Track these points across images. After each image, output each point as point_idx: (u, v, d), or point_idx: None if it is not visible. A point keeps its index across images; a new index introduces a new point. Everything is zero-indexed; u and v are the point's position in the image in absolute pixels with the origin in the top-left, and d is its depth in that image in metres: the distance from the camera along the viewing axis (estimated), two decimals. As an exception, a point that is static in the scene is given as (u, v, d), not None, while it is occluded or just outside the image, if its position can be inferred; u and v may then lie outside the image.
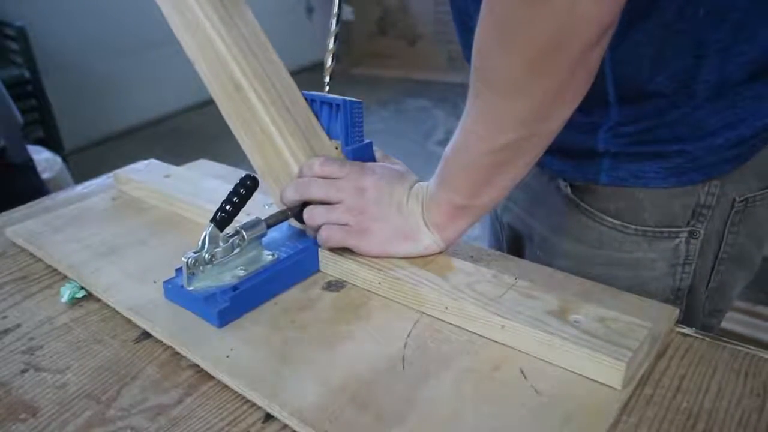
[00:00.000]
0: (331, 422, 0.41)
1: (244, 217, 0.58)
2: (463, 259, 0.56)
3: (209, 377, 0.48)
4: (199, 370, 0.49)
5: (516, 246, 0.78)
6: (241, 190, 0.55)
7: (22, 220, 0.74)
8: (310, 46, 4.38)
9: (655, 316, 0.50)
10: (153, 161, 0.84)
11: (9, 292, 0.61)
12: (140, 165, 0.83)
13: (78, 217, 0.73)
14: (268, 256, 0.57)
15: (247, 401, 0.46)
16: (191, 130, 3.64)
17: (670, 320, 0.51)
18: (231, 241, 0.55)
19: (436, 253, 0.57)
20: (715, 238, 0.62)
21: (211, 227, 0.53)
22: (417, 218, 0.56)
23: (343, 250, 0.58)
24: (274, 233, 0.61)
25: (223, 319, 0.52)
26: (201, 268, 0.53)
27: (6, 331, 0.55)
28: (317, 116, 0.62)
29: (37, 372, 0.50)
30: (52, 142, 2.69)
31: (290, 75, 0.62)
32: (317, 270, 0.60)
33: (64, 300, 0.58)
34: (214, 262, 0.54)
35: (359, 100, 0.60)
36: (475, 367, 0.46)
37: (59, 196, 0.83)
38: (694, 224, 0.60)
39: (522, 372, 0.46)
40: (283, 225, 0.62)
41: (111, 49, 3.38)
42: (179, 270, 0.54)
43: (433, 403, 0.43)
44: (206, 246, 0.53)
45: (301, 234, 0.62)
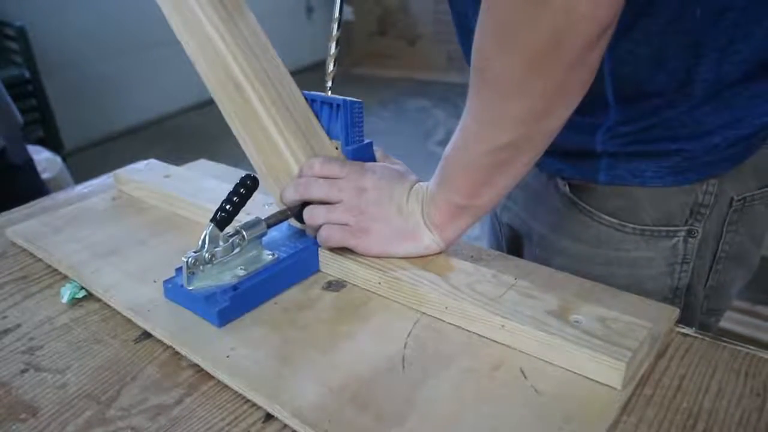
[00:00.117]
0: (331, 422, 0.41)
1: (244, 217, 0.58)
2: (463, 259, 0.56)
3: (209, 377, 0.48)
4: (199, 370, 0.49)
5: (515, 245, 0.78)
6: (241, 190, 0.55)
7: (22, 220, 0.74)
8: (310, 46, 4.39)
9: (655, 316, 0.50)
10: (153, 161, 0.84)
11: (9, 292, 0.61)
12: (140, 165, 0.83)
13: (78, 217, 0.73)
14: (268, 256, 0.57)
15: (247, 401, 0.46)
16: (191, 130, 3.64)
17: (670, 320, 0.51)
18: (231, 240, 0.55)
19: (436, 253, 0.57)
20: (714, 237, 0.62)
21: (211, 227, 0.53)
22: (417, 218, 0.56)
23: (343, 250, 0.58)
24: (274, 233, 0.61)
25: (223, 318, 0.52)
26: (201, 267, 0.53)
27: (6, 331, 0.55)
28: (317, 116, 0.62)
29: (37, 372, 0.50)
30: (52, 142, 2.69)
31: (290, 75, 0.62)
32: (317, 270, 0.60)
33: (64, 300, 0.58)
34: (214, 262, 0.54)
35: (359, 100, 0.60)
36: (475, 367, 0.46)
37: (59, 196, 0.83)
38: (693, 223, 0.60)
39: (522, 372, 0.46)
40: (283, 225, 0.62)
41: (111, 49, 3.38)
42: (179, 270, 0.54)
43: (433, 403, 0.43)
44: (206, 246, 0.53)
45: (301, 234, 0.62)
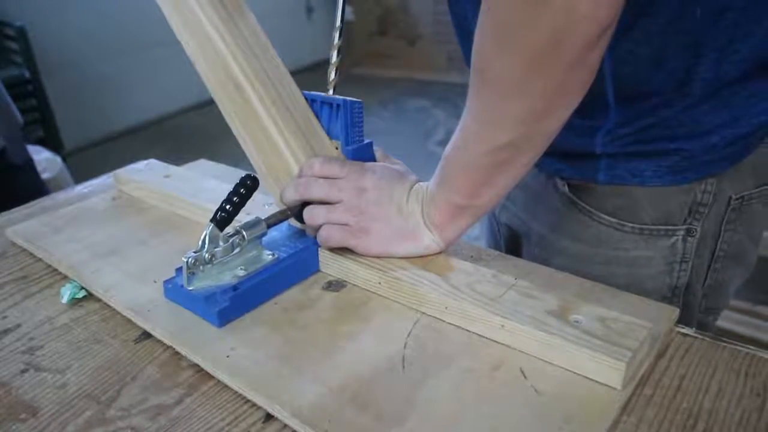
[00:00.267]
0: (331, 422, 0.41)
1: (244, 217, 0.58)
2: (463, 259, 0.56)
3: (209, 377, 0.48)
4: (199, 370, 0.49)
5: (513, 245, 0.78)
6: (241, 190, 0.55)
7: (22, 220, 0.74)
8: (310, 46, 4.39)
9: (655, 316, 0.50)
10: (153, 161, 0.84)
11: (9, 292, 0.61)
12: (140, 165, 0.83)
13: (78, 217, 0.73)
14: (268, 256, 0.57)
15: (247, 401, 0.46)
16: (191, 130, 3.64)
17: (670, 320, 0.51)
18: (231, 240, 0.55)
19: (436, 253, 0.57)
20: (712, 236, 0.62)
21: (211, 227, 0.53)
22: (417, 218, 0.56)
23: (343, 250, 0.58)
24: (274, 233, 0.61)
25: (223, 318, 0.52)
26: (201, 267, 0.53)
27: (6, 331, 0.55)
28: (317, 116, 0.62)
29: (37, 372, 0.50)
30: (52, 142, 2.69)
31: (290, 75, 0.62)
32: (317, 270, 0.60)
33: (64, 300, 0.58)
34: (214, 262, 0.54)
35: (359, 100, 0.60)
36: (475, 367, 0.46)
37: (59, 196, 0.83)
38: (691, 222, 0.61)
39: (522, 372, 0.46)
40: (283, 225, 0.62)
41: (111, 48, 3.38)
42: (179, 270, 0.54)
43: (433, 403, 0.43)
44: (206, 246, 0.53)
45: (301, 234, 0.62)
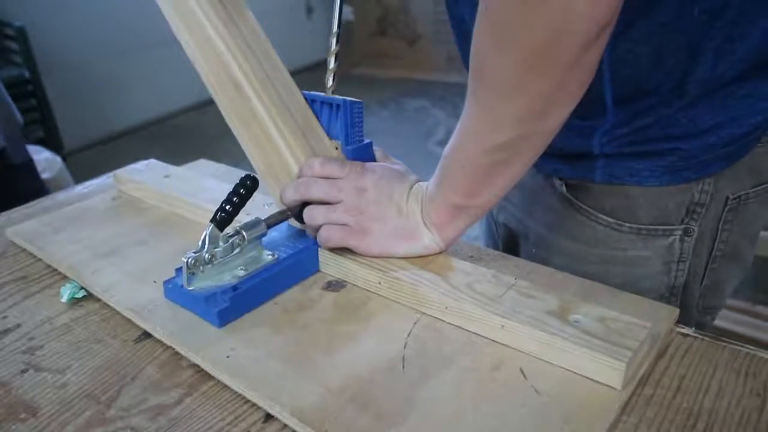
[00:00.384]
0: (331, 422, 0.41)
1: (244, 217, 0.58)
2: (462, 259, 0.57)
3: (209, 377, 0.48)
4: (199, 370, 0.49)
5: (511, 245, 0.78)
6: (241, 190, 0.55)
7: (22, 220, 0.74)
8: (310, 46, 4.38)
9: (655, 316, 0.50)
10: (153, 161, 0.84)
11: (9, 292, 0.61)
12: (140, 165, 0.83)
13: (78, 217, 0.73)
14: (268, 256, 0.57)
15: (247, 401, 0.46)
16: (191, 130, 3.63)
17: (670, 320, 0.51)
18: (231, 241, 0.55)
19: (436, 253, 0.57)
20: (709, 236, 0.62)
21: (211, 227, 0.53)
22: (417, 218, 0.56)
23: (343, 250, 0.58)
24: (274, 233, 0.61)
25: (223, 319, 0.52)
26: (201, 268, 0.53)
27: (6, 331, 0.55)
28: (317, 116, 0.62)
29: (37, 372, 0.50)
30: (52, 142, 2.69)
31: (290, 75, 0.62)
32: (317, 270, 0.60)
33: (63, 300, 0.58)
34: (214, 262, 0.54)
35: (359, 100, 0.60)
36: (475, 367, 0.46)
37: (59, 196, 0.83)
38: (688, 222, 0.61)
39: (522, 372, 0.46)
40: (283, 225, 0.62)
41: (111, 49, 3.38)
42: (179, 270, 0.54)
43: (433, 403, 0.43)
44: (206, 246, 0.53)
45: (301, 234, 0.62)
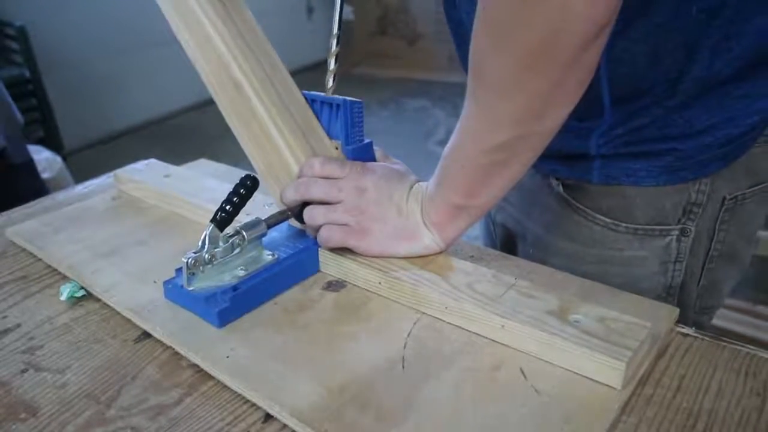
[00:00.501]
0: (331, 422, 0.41)
1: (244, 217, 0.58)
2: (463, 259, 0.56)
3: (209, 377, 0.48)
4: (199, 370, 0.49)
5: (509, 245, 0.79)
6: (241, 190, 0.55)
7: (22, 220, 0.74)
8: (310, 46, 4.38)
9: (655, 316, 0.50)
10: (153, 161, 0.84)
11: (9, 291, 0.61)
12: (140, 165, 0.83)
13: (78, 217, 0.73)
14: (268, 256, 0.57)
15: (247, 401, 0.46)
16: (191, 130, 3.63)
17: (670, 320, 0.51)
18: (231, 241, 0.55)
19: (436, 253, 0.57)
20: (706, 236, 0.62)
21: (211, 227, 0.53)
22: (417, 218, 0.56)
23: (343, 250, 0.58)
24: (274, 233, 0.61)
25: (223, 319, 0.52)
26: (201, 268, 0.53)
27: (6, 331, 0.55)
28: (317, 116, 0.62)
29: (37, 372, 0.50)
30: (52, 142, 2.69)
31: (290, 75, 0.62)
32: (317, 270, 0.60)
33: (63, 298, 0.58)
34: (214, 262, 0.54)
35: (359, 100, 0.60)
36: (475, 367, 0.46)
37: (59, 196, 0.83)
38: (685, 222, 0.61)
39: (522, 372, 0.46)
40: (283, 225, 0.62)
41: (111, 48, 3.38)
42: (179, 270, 0.54)
43: (433, 403, 0.43)
44: (206, 246, 0.53)
45: (301, 234, 0.62)
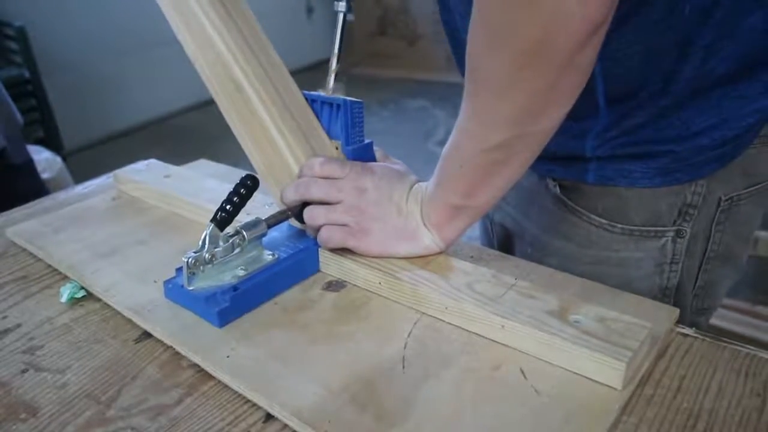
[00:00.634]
0: (331, 422, 0.41)
1: (244, 217, 0.58)
2: (463, 259, 0.57)
3: (209, 377, 0.48)
4: (199, 370, 0.49)
5: (507, 244, 0.79)
6: (242, 190, 0.55)
7: (22, 220, 0.74)
8: (310, 46, 4.38)
9: (655, 316, 0.50)
10: (153, 161, 0.84)
11: (9, 292, 0.61)
12: (140, 165, 0.83)
13: (78, 217, 0.73)
14: (268, 256, 0.57)
15: (247, 401, 0.46)
16: (191, 130, 3.63)
17: (670, 320, 0.51)
18: (231, 241, 0.55)
19: (436, 253, 0.57)
20: (702, 237, 0.62)
21: (211, 227, 0.53)
22: (416, 218, 0.56)
23: (344, 250, 0.58)
24: (275, 233, 0.61)
25: (223, 319, 0.52)
26: (201, 268, 0.53)
27: (6, 331, 0.55)
28: (317, 116, 0.62)
29: (38, 372, 0.50)
30: (52, 142, 2.69)
31: (290, 75, 0.62)
32: (317, 270, 0.60)
33: (63, 300, 0.58)
34: (215, 262, 0.54)
35: (359, 100, 0.60)
36: (475, 367, 0.46)
37: (59, 196, 0.83)
38: (681, 223, 0.61)
39: (522, 372, 0.46)
40: (284, 225, 0.62)
41: (111, 48, 3.38)
42: (179, 270, 0.54)
43: (433, 403, 0.43)
44: (206, 246, 0.53)
45: (302, 234, 0.62)
